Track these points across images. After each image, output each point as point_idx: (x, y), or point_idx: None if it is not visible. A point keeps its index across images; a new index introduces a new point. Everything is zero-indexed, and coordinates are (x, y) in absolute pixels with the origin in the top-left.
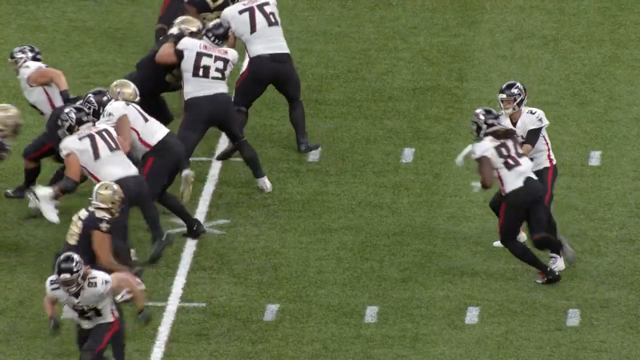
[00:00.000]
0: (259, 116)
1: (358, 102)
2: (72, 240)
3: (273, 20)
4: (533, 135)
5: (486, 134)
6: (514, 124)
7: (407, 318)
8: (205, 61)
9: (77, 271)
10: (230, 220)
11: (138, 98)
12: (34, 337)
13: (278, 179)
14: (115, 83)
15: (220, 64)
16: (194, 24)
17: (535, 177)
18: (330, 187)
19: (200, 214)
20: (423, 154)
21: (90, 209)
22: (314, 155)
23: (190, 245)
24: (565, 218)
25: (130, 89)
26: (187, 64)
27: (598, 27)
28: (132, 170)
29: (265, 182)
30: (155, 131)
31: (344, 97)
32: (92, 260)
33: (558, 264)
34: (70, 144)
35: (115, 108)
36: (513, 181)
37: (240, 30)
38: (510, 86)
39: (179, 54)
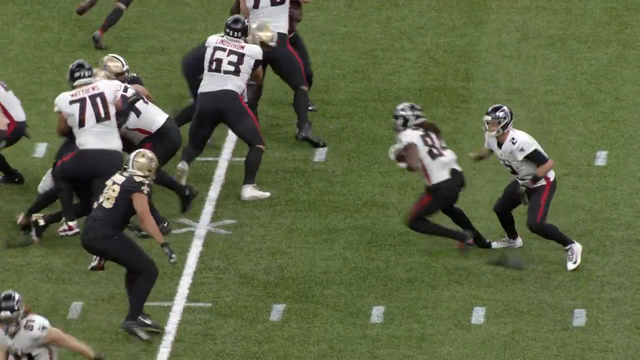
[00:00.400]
0: (265, 116)
1: (364, 102)
2: (109, 204)
3: None
4: (534, 159)
5: (414, 125)
6: (500, 146)
7: (414, 318)
8: (218, 54)
9: (18, 310)
10: (237, 220)
11: (125, 67)
12: None
13: (284, 179)
14: (106, 57)
15: (234, 58)
16: (266, 32)
17: (459, 169)
18: (336, 187)
19: (206, 214)
20: None
21: (126, 174)
22: (319, 155)
23: (197, 245)
24: (571, 218)
25: (118, 63)
26: (205, 60)
27: (604, 27)
28: (112, 144)
29: (246, 190)
30: (152, 120)
31: (350, 97)
32: (125, 223)
33: (575, 251)
34: (61, 103)
35: None
36: (438, 173)
37: (247, 3)
38: (496, 109)
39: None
